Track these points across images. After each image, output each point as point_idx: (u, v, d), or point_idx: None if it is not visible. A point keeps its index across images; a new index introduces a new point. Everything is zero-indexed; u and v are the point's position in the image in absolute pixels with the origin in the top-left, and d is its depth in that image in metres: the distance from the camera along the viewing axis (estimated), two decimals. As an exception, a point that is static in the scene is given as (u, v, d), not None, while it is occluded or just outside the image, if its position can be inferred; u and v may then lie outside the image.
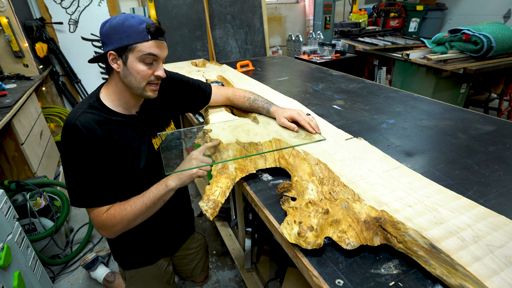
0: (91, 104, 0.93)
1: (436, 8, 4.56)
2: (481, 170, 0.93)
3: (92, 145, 0.87)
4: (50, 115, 2.90)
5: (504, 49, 2.64)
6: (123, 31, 0.85)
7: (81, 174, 0.87)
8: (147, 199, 0.91)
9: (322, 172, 0.85)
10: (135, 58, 0.87)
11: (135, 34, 0.85)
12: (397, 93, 1.67)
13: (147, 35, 0.86)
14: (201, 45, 3.63)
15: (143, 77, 0.90)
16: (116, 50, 0.87)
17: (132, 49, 0.86)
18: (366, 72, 3.92)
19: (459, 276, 0.54)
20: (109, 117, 0.93)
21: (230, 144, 1.00)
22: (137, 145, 0.99)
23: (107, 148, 0.91)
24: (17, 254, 1.33)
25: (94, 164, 0.88)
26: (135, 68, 0.88)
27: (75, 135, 0.85)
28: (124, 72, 0.90)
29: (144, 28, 0.85)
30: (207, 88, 1.30)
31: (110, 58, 0.88)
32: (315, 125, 1.08)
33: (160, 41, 0.90)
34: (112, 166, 0.93)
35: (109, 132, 0.92)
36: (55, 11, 3.02)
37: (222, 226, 1.89)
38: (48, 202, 1.84)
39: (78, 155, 0.86)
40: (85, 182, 0.88)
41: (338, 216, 0.68)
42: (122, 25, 0.85)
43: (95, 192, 0.89)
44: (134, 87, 0.92)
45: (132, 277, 1.23)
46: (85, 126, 0.86)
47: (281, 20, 4.46)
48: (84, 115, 0.89)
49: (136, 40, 0.85)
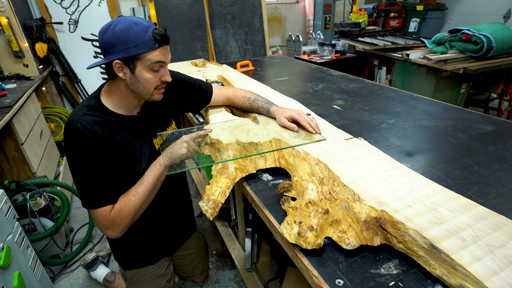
0: (91, 105, 0.93)
1: (436, 8, 4.56)
2: (481, 170, 0.93)
3: (93, 146, 0.87)
4: (50, 115, 2.90)
5: (504, 49, 2.64)
6: (129, 41, 0.83)
7: (86, 175, 0.88)
8: (147, 183, 0.93)
9: (322, 172, 0.85)
10: (143, 67, 0.88)
11: (143, 44, 0.84)
12: (397, 93, 1.67)
13: (155, 44, 0.86)
14: (201, 45, 3.63)
15: (151, 84, 0.91)
16: (123, 59, 0.86)
17: (140, 59, 0.86)
18: (366, 72, 3.92)
19: (459, 276, 0.54)
20: (109, 118, 0.94)
21: (230, 144, 1.00)
22: (138, 146, 1.00)
23: (108, 149, 0.91)
24: (17, 254, 1.33)
25: (97, 164, 0.88)
26: (143, 76, 0.89)
27: (77, 136, 0.86)
28: (131, 80, 0.90)
29: (150, 37, 0.85)
30: (208, 88, 1.30)
31: (116, 67, 0.87)
32: (315, 125, 1.08)
33: (166, 46, 0.90)
34: (114, 167, 0.93)
35: (110, 133, 0.92)
36: (55, 11, 3.02)
37: (222, 226, 1.89)
38: (48, 202, 1.84)
39: (81, 157, 0.87)
40: (90, 184, 0.88)
41: (338, 216, 0.68)
42: (128, 34, 0.83)
43: (101, 192, 0.89)
44: (142, 93, 0.93)
45: (133, 277, 1.23)
46: (86, 127, 0.87)
47: (281, 20, 4.46)
48: (84, 117, 0.89)
49: (144, 50, 0.85)
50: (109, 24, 0.86)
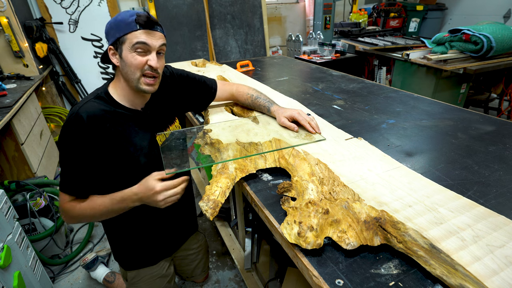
0: (98, 94, 0.96)
1: (436, 8, 4.56)
2: (481, 170, 0.93)
3: (91, 135, 0.89)
4: (50, 115, 2.90)
5: (504, 49, 2.64)
6: (116, 25, 0.89)
7: (68, 160, 0.91)
8: (109, 204, 0.93)
9: (322, 172, 0.85)
10: (127, 49, 0.90)
11: (125, 25, 0.88)
12: (397, 93, 1.67)
13: (136, 25, 0.88)
14: (201, 45, 3.63)
15: (136, 66, 0.91)
16: (113, 44, 0.91)
17: (124, 41, 0.89)
18: (366, 72, 3.92)
19: (459, 276, 0.54)
20: (115, 109, 0.96)
21: (230, 144, 1.00)
22: (138, 140, 1.00)
23: (106, 138, 0.93)
24: (17, 254, 1.33)
25: (84, 154, 0.90)
26: (128, 58, 0.90)
27: (75, 123, 0.88)
28: (121, 65, 0.93)
29: (133, 19, 0.88)
30: (213, 84, 1.31)
31: (110, 53, 0.93)
32: (315, 125, 1.08)
33: (152, 31, 0.91)
34: (109, 158, 0.95)
35: (113, 122, 0.94)
36: (55, 11, 3.02)
37: (222, 226, 1.89)
38: (48, 202, 1.84)
39: (71, 142, 0.89)
40: (69, 168, 0.91)
41: (338, 216, 0.68)
42: (116, 19, 0.90)
43: (72, 179, 0.92)
44: (130, 79, 0.94)
45: (133, 278, 1.23)
46: (89, 114, 0.89)
47: (281, 20, 4.46)
48: (90, 103, 0.92)
49: (126, 31, 0.88)
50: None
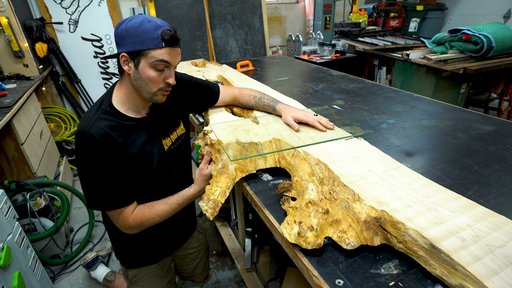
0: (103, 109, 0.93)
1: (436, 8, 4.56)
2: (481, 170, 0.93)
3: (108, 151, 0.88)
4: (50, 115, 2.90)
5: (504, 49, 2.64)
6: (137, 35, 0.85)
7: (102, 179, 0.89)
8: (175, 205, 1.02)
9: (322, 172, 0.85)
10: (146, 64, 0.87)
11: (149, 40, 0.85)
12: (397, 93, 1.67)
13: (161, 42, 0.86)
14: (201, 45, 3.63)
15: (153, 83, 0.91)
16: (129, 53, 0.87)
17: (144, 55, 0.86)
18: (366, 72, 3.92)
19: (459, 276, 0.54)
20: (122, 122, 0.94)
21: (230, 144, 1.00)
22: (149, 147, 1.01)
23: (122, 153, 0.92)
24: (17, 254, 1.33)
25: (112, 168, 0.89)
26: (146, 73, 0.88)
27: (91, 144, 0.86)
28: (134, 75, 0.90)
29: (159, 35, 0.85)
30: (215, 87, 1.31)
31: (122, 59, 0.89)
32: (326, 122, 1.10)
33: (174, 48, 0.90)
34: (128, 170, 0.95)
35: (123, 136, 0.93)
36: (55, 11, 3.02)
37: (222, 226, 1.89)
38: (48, 202, 1.84)
39: (96, 163, 0.87)
40: (107, 186, 0.90)
41: (338, 216, 0.68)
42: (138, 29, 0.85)
43: (118, 194, 0.92)
44: (144, 91, 0.93)
45: (134, 277, 1.24)
46: (100, 133, 0.87)
47: (281, 20, 4.46)
48: (98, 122, 0.89)
49: (150, 46, 0.85)
50: (126, 19, 0.88)
